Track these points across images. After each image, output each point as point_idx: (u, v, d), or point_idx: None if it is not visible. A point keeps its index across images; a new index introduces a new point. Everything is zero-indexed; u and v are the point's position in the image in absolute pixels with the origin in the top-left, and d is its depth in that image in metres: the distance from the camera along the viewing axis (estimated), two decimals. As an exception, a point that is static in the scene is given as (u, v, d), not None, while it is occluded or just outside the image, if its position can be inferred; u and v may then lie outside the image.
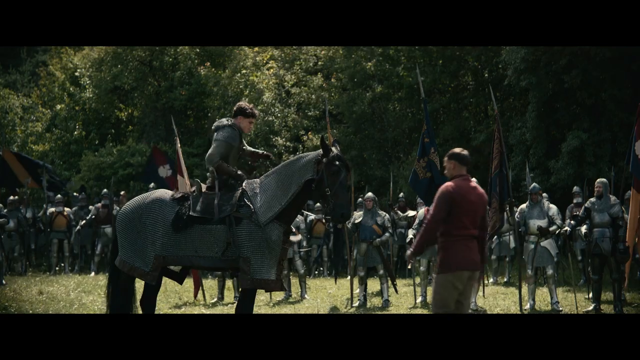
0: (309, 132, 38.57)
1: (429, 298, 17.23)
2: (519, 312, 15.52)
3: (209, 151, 10.69)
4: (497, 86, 33.13)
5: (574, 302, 15.72)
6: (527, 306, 16.04)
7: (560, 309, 15.75)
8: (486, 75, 36.28)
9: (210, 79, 36.44)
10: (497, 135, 15.94)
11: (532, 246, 16.14)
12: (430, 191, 16.17)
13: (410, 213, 18.11)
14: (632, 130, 16.33)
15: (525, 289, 16.33)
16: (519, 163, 29.77)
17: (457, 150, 9.32)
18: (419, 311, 16.18)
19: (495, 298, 17.79)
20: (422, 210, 17.61)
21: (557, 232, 16.00)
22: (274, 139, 37.04)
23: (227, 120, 10.79)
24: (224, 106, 36.54)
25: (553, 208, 16.31)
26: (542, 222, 15.90)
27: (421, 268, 17.60)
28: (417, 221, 17.39)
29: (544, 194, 21.27)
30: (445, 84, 37.84)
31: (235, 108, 10.93)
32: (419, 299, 17.35)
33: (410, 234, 17.30)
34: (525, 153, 29.93)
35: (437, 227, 8.67)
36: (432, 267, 17.78)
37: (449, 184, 8.94)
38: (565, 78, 27.64)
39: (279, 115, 37.42)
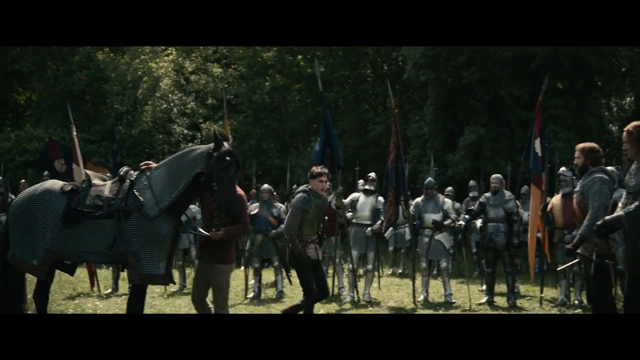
0: (208, 121, 38.42)
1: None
2: (412, 304, 15.61)
3: (286, 220, 11.90)
4: (396, 79, 33.41)
5: (467, 294, 15.86)
6: (421, 298, 16.13)
7: (454, 300, 15.86)
8: (385, 68, 36.49)
9: (109, 64, 35.93)
10: (395, 129, 16.01)
11: (427, 239, 16.22)
12: None
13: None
14: (530, 127, 16.57)
15: (419, 280, 16.47)
16: (416, 156, 30.07)
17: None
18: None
19: (389, 290, 17.86)
20: None
21: (452, 225, 16.09)
22: (172, 127, 36.80)
23: (304, 187, 11.88)
24: (123, 92, 36.15)
25: (448, 202, 16.44)
26: (437, 216, 16.00)
27: (315, 259, 17.57)
28: None
29: (449, 188, 21.50)
30: (345, 75, 37.99)
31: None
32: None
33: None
34: (422, 146, 30.20)
35: None
36: (326, 259, 17.78)
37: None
38: (464, 74, 28.03)
39: (177, 102, 37.13)
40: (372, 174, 17.24)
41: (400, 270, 21.70)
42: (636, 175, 8.16)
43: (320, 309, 14.27)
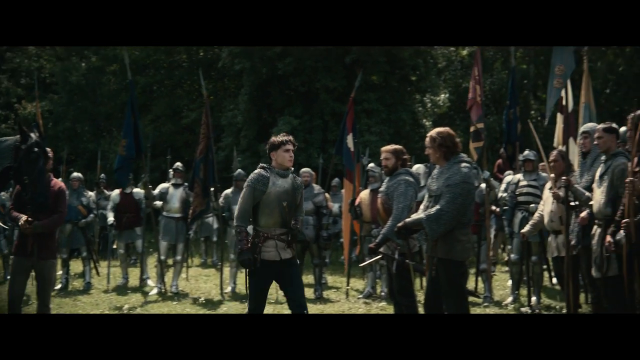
0: (23, 100, 37.52)
1: (132, 280, 17.10)
2: (219, 296, 15.66)
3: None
4: (211, 66, 33.42)
5: (275, 285, 15.99)
6: (229, 289, 16.19)
7: (262, 291, 15.95)
8: (201, 54, 36.35)
9: None
10: (205, 119, 15.94)
11: (236, 231, 16.27)
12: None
13: (115, 192, 17.76)
14: (342, 121, 16.80)
15: (227, 272, 16.63)
16: (229, 144, 30.07)
17: None
18: (114, 295, 15.93)
19: (197, 280, 17.84)
20: (117, 192, 17.43)
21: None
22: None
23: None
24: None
25: (258, 194, 16.46)
26: (247, 208, 16.04)
27: (120, 250, 17.36)
28: (111, 203, 17.23)
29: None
30: (161, 59, 37.66)
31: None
32: (121, 281, 17.25)
33: (110, 216, 17.08)
34: (236, 135, 30.24)
35: None
36: (131, 250, 17.63)
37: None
38: (279, 65, 28.14)
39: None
40: (179, 165, 17.13)
41: (212, 259, 21.76)
42: (438, 180, 8.42)
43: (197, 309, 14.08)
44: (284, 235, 9.12)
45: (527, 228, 12.56)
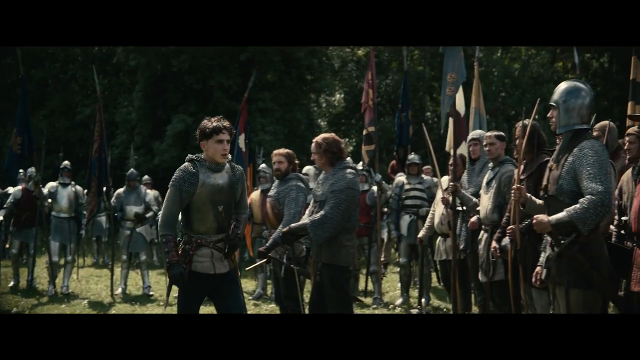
0: None
1: (23, 281, 16.80)
2: (110, 297, 15.47)
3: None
4: (107, 61, 33.05)
5: (165, 286, 15.93)
6: (119, 291, 16.02)
7: (152, 293, 15.90)
8: (96, 49, 35.98)
9: None
10: (99, 118, 15.80)
11: (128, 232, 16.15)
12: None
13: (10, 190, 17.40)
14: (236, 120, 16.79)
15: (118, 272, 16.51)
16: (124, 141, 29.84)
17: None
18: (10, 296, 15.65)
19: (89, 282, 17.66)
20: (19, 188, 17.11)
21: (154, 218, 16.02)
22: None
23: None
24: None
25: (150, 194, 16.44)
26: (139, 208, 15.96)
27: (13, 250, 17.01)
28: (10, 199, 16.88)
29: (146, 177, 21.36)
30: (56, 52, 37.22)
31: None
32: (11, 283, 16.93)
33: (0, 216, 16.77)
34: (130, 132, 30.02)
35: None
36: (24, 250, 17.36)
37: None
38: (174, 62, 28.04)
39: None
40: (67, 163, 16.90)
41: (103, 259, 21.62)
42: (323, 185, 8.47)
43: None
44: (220, 242, 7.59)
45: (422, 232, 12.75)
